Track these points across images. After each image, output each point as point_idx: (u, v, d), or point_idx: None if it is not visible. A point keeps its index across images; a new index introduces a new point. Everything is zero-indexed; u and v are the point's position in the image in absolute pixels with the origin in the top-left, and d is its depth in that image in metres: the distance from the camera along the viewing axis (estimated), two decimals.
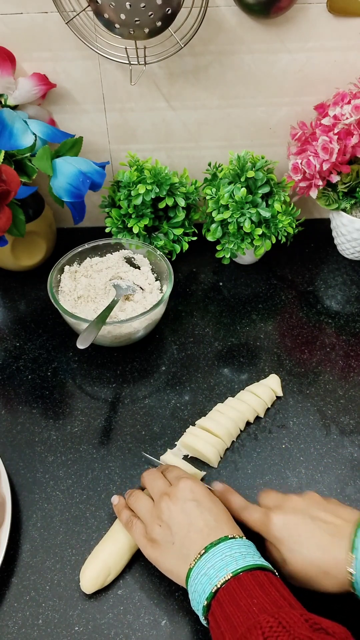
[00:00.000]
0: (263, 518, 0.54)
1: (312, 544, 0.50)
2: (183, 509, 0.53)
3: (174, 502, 0.53)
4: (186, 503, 0.53)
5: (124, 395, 0.74)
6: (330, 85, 0.83)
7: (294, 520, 0.52)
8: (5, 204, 0.69)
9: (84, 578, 0.55)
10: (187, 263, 0.93)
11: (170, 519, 0.53)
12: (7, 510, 0.59)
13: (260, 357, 0.78)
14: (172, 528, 0.52)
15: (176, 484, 0.55)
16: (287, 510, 0.53)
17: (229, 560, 0.48)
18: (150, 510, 0.55)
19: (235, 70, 0.81)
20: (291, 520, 0.52)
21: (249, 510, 0.56)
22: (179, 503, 0.53)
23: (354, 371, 0.76)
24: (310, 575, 0.50)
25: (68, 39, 0.76)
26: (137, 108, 0.85)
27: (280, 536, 0.52)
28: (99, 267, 0.84)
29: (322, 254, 0.95)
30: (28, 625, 0.54)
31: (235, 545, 0.50)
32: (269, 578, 0.47)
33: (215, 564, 0.48)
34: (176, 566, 0.51)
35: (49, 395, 0.74)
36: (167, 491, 0.55)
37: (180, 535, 0.51)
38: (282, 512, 0.53)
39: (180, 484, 0.55)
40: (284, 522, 0.52)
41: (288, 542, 0.51)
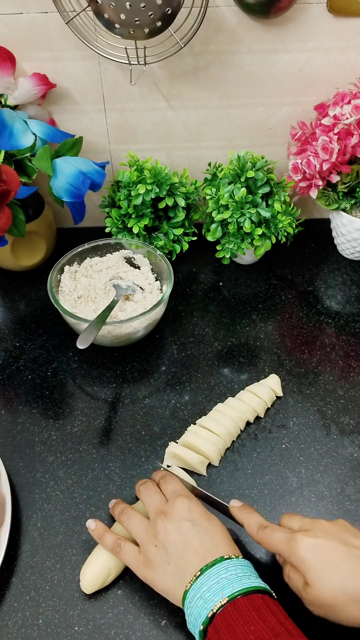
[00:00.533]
0: (288, 538, 0.50)
1: (344, 570, 0.47)
2: (179, 529, 0.52)
3: (170, 522, 0.52)
4: (182, 523, 0.52)
5: (124, 395, 0.74)
6: (330, 85, 0.83)
7: (325, 544, 0.49)
8: (5, 204, 0.69)
9: (84, 578, 0.55)
10: (187, 263, 0.93)
11: (166, 539, 0.51)
12: (7, 510, 0.59)
13: (260, 357, 0.78)
14: (168, 548, 0.51)
15: (173, 502, 0.54)
16: (317, 534, 0.50)
17: (225, 583, 0.47)
18: (146, 529, 0.53)
19: (235, 70, 0.81)
20: (321, 543, 0.49)
21: (270, 529, 0.53)
22: (175, 522, 0.52)
23: (354, 371, 0.76)
24: (337, 602, 0.47)
25: (68, 39, 0.76)
26: (137, 108, 0.85)
27: (308, 558, 0.48)
28: (99, 267, 0.84)
29: (322, 254, 0.95)
30: (28, 625, 0.54)
31: (232, 566, 0.49)
32: (265, 602, 0.46)
33: (211, 587, 0.47)
34: (172, 587, 0.50)
35: (49, 395, 0.74)
36: (164, 509, 0.54)
37: (175, 556, 0.51)
38: (312, 535, 0.50)
39: (177, 502, 0.54)
40: (313, 544, 0.49)
41: (316, 566, 0.48)
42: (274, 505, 0.63)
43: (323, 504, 0.63)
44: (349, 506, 0.62)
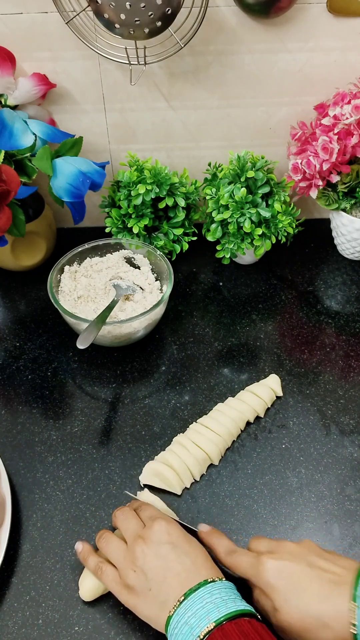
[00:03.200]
0: (254, 562, 0.50)
1: (310, 592, 0.47)
2: (158, 553, 0.50)
3: (149, 546, 0.50)
4: (161, 546, 0.50)
5: (124, 395, 0.74)
6: (330, 85, 0.83)
7: (291, 567, 0.48)
8: (5, 204, 0.69)
9: (82, 587, 0.55)
10: (187, 263, 0.93)
11: (145, 564, 0.50)
12: (7, 510, 0.59)
13: (260, 357, 0.78)
14: (148, 574, 0.49)
15: (150, 526, 0.52)
16: (283, 556, 0.49)
17: (210, 608, 0.46)
18: (124, 555, 0.52)
19: (235, 70, 0.81)
20: (287, 566, 0.48)
21: (238, 554, 0.52)
22: (154, 547, 0.50)
23: (354, 371, 0.76)
24: (306, 627, 0.46)
25: (68, 39, 0.76)
26: (137, 108, 0.85)
27: (274, 583, 0.48)
28: (99, 267, 0.84)
29: (322, 254, 0.95)
30: (28, 625, 0.54)
31: (216, 589, 0.47)
32: (253, 626, 0.45)
33: (196, 612, 0.46)
34: (154, 613, 0.48)
35: (49, 395, 0.74)
36: (141, 534, 0.52)
37: (156, 581, 0.49)
38: (277, 557, 0.49)
39: (155, 526, 0.52)
40: (279, 567, 0.48)
41: (283, 590, 0.47)
42: (274, 505, 0.63)
43: (323, 504, 0.63)
44: (349, 506, 0.62)
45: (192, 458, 0.64)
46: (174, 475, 0.63)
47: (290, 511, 0.62)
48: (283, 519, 0.61)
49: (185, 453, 0.64)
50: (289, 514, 0.62)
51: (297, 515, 0.62)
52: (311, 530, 0.60)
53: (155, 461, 0.65)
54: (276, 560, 0.49)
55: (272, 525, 0.61)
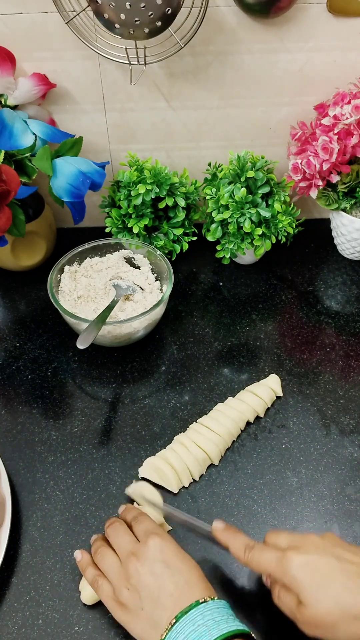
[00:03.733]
0: (279, 557, 0.48)
1: (338, 585, 0.46)
2: (152, 572, 0.49)
3: (142, 563, 0.49)
4: (155, 564, 0.49)
5: (124, 395, 0.74)
6: (330, 85, 0.83)
7: (318, 560, 0.47)
8: (5, 204, 0.69)
9: (84, 592, 0.55)
10: (187, 263, 0.93)
11: (139, 582, 0.49)
12: (7, 510, 0.59)
13: (260, 357, 0.78)
14: (141, 592, 0.48)
15: (144, 542, 0.51)
16: (308, 550, 0.48)
17: (202, 631, 0.45)
18: (118, 571, 0.51)
19: (235, 70, 0.81)
20: (314, 560, 0.47)
21: (258, 549, 0.50)
22: (147, 564, 0.49)
23: (354, 371, 0.76)
24: (334, 621, 0.45)
25: (68, 39, 0.76)
26: (137, 108, 0.85)
27: (301, 577, 0.46)
28: (99, 267, 0.84)
29: (322, 254, 0.95)
30: (28, 625, 0.54)
31: (207, 610, 0.46)
32: None
33: (188, 636, 0.45)
34: (146, 633, 0.47)
35: (49, 395, 0.74)
36: (135, 551, 0.51)
37: (149, 601, 0.48)
38: (302, 552, 0.48)
39: (149, 542, 0.51)
40: (305, 561, 0.47)
41: (310, 583, 0.46)
42: (274, 505, 0.63)
43: (323, 504, 0.63)
44: (349, 506, 0.62)
45: (192, 458, 0.64)
46: (173, 473, 0.63)
47: (290, 511, 0.62)
48: (283, 519, 0.61)
49: (186, 452, 0.64)
50: (289, 514, 0.62)
51: (297, 515, 0.62)
52: (311, 530, 0.60)
53: (156, 456, 0.65)
54: (302, 554, 0.47)
55: (272, 525, 0.61)
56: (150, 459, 0.65)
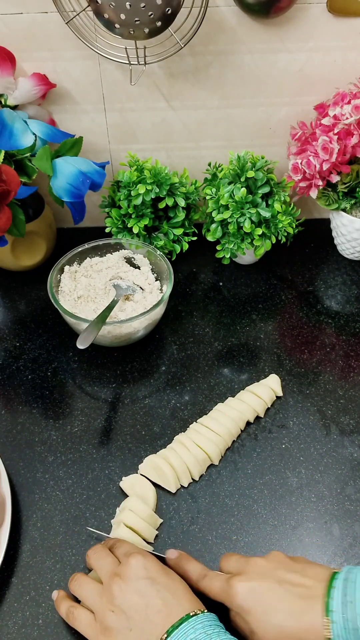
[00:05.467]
0: (225, 587, 0.49)
1: (282, 611, 0.46)
2: (137, 590, 0.48)
3: (126, 583, 0.48)
4: (139, 582, 0.48)
5: (124, 395, 0.74)
6: (330, 85, 0.83)
7: (260, 586, 0.47)
8: (5, 204, 0.69)
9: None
10: (187, 263, 0.93)
11: (124, 602, 0.47)
12: (7, 510, 0.59)
13: (260, 357, 0.78)
14: (128, 612, 0.47)
15: (126, 562, 0.50)
16: (251, 576, 0.48)
17: None
18: (100, 595, 0.49)
19: (235, 70, 0.81)
20: (256, 586, 0.47)
21: (209, 578, 0.51)
22: (132, 583, 0.48)
23: (354, 371, 0.76)
24: None
25: (68, 39, 0.76)
26: (137, 108, 0.85)
27: (246, 605, 0.47)
28: (99, 267, 0.84)
29: (322, 254, 0.95)
30: (28, 625, 0.54)
31: (199, 623, 0.46)
32: None
33: None
34: None
35: (49, 395, 0.74)
36: (117, 571, 0.50)
37: (137, 619, 0.47)
38: (245, 579, 0.48)
39: (131, 561, 0.50)
40: (248, 589, 0.47)
41: (255, 611, 0.46)
42: (274, 505, 0.63)
43: (323, 504, 0.63)
44: (349, 506, 0.62)
45: (192, 458, 0.64)
46: (172, 473, 0.63)
47: (290, 511, 0.62)
48: (283, 519, 0.61)
49: (186, 452, 0.64)
50: (289, 514, 0.62)
51: (297, 515, 0.62)
52: (311, 530, 0.60)
53: (156, 455, 0.65)
54: (245, 582, 0.48)
55: (272, 525, 0.61)
56: (151, 457, 0.65)
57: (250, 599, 0.47)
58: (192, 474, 0.64)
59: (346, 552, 0.59)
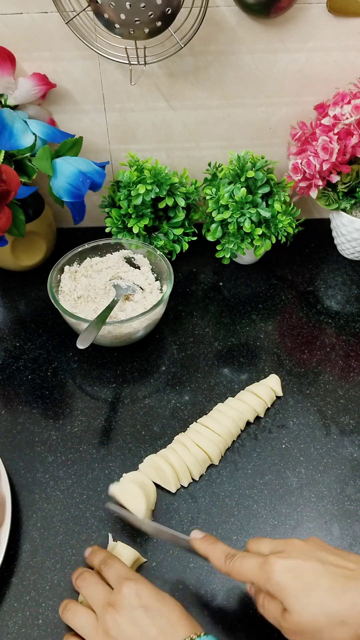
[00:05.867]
0: (261, 564, 0.47)
1: (323, 589, 0.44)
2: (131, 619, 0.47)
3: (120, 613, 0.47)
4: (134, 611, 0.47)
5: (124, 395, 0.74)
6: (330, 85, 0.83)
7: (302, 565, 0.45)
8: (5, 204, 0.69)
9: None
10: (187, 263, 0.93)
11: (120, 634, 0.46)
12: (7, 510, 0.59)
13: (260, 357, 0.78)
14: None
15: (119, 590, 0.49)
16: (291, 554, 0.47)
17: None
18: (94, 627, 0.48)
19: (235, 70, 0.81)
20: (298, 564, 0.46)
21: (240, 558, 0.49)
22: (126, 613, 0.47)
23: (354, 371, 0.76)
24: (320, 626, 0.43)
25: (68, 39, 0.76)
26: (137, 108, 0.85)
27: (284, 583, 0.45)
28: (99, 267, 0.84)
29: (322, 254, 0.95)
30: (28, 625, 0.54)
31: None
32: None
33: None
34: None
35: (49, 395, 0.74)
36: (110, 600, 0.48)
37: None
38: (285, 556, 0.46)
39: (124, 590, 0.48)
40: (289, 566, 0.45)
41: (294, 589, 0.44)
42: (274, 505, 0.63)
43: (323, 504, 0.63)
44: (349, 506, 0.62)
45: (192, 458, 0.64)
46: (172, 473, 0.63)
47: (290, 511, 0.62)
48: (283, 519, 0.61)
49: (186, 452, 0.64)
50: (289, 514, 0.62)
51: (297, 515, 0.62)
52: (311, 530, 0.60)
53: (157, 455, 0.65)
54: (285, 559, 0.46)
55: (272, 525, 0.61)
56: (151, 457, 0.65)
57: (289, 576, 0.45)
58: (192, 474, 0.64)
59: None
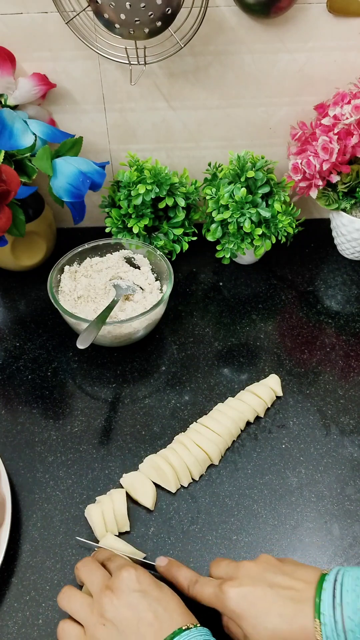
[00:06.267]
0: (217, 592, 0.48)
1: (274, 615, 0.46)
2: (129, 603, 0.47)
3: (118, 596, 0.48)
4: (131, 595, 0.47)
5: (124, 395, 0.74)
6: (330, 85, 0.83)
7: (251, 591, 0.47)
8: (5, 204, 0.69)
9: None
10: (187, 263, 0.93)
11: (116, 615, 0.47)
12: (7, 510, 0.59)
13: (260, 357, 0.78)
14: (119, 626, 0.46)
15: (118, 574, 0.49)
16: (242, 581, 0.48)
17: None
18: (90, 609, 0.48)
19: (235, 70, 0.81)
20: (248, 591, 0.47)
21: (200, 584, 0.50)
22: (124, 596, 0.47)
23: (354, 371, 0.76)
24: None
25: (68, 39, 0.76)
26: (137, 108, 0.85)
27: (239, 610, 0.47)
28: (99, 267, 0.84)
29: (322, 254, 0.95)
30: (28, 625, 0.54)
31: (191, 637, 0.45)
32: None
33: None
34: None
35: (49, 395, 0.74)
36: (109, 584, 0.49)
37: (128, 633, 0.46)
38: (237, 584, 0.48)
39: (123, 574, 0.49)
40: (240, 594, 0.47)
41: (248, 616, 0.46)
42: (274, 505, 0.63)
43: (323, 504, 0.63)
44: (349, 506, 0.62)
45: (192, 458, 0.64)
46: (172, 473, 0.63)
47: (290, 511, 0.62)
48: (283, 519, 0.61)
49: (186, 452, 0.64)
50: (289, 514, 0.62)
51: (297, 515, 0.62)
52: (311, 530, 0.60)
53: (157, 455, 0.65)
54: (237, 587, 0.48)
55: (272, 525, 0.61)
56: (151, 457, 0.65)
57: (242, 603, 0.47)
58: (192, 474, 0.64)
59: (346, 552, 0.59)
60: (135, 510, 0.62)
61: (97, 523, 0.59)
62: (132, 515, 0.62)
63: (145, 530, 0.61)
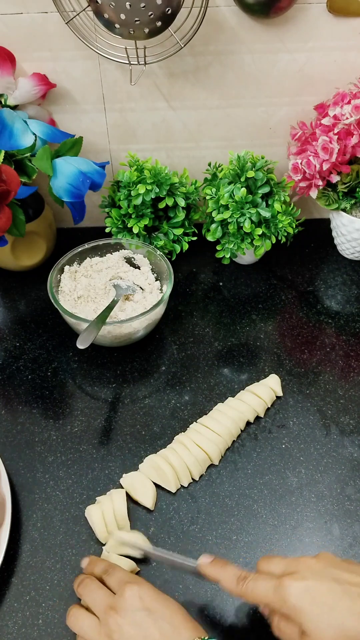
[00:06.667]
0: (275, 587, 0.45)
1: (342, 610, 0.43)
2: (134, 622, 0.46)
3: (122, 616, 0.47)
4: (136, 614, 0.47)
5: (124, 395, 0.74)
6: (330, 85, 0.83)
7: (317, 586, 0.44)
8: (5, 204, 0.69)
9: None
10: (187, 263, 0.93)
11: (122, 636, 0.46)
12: (7, 510, 0.59)
13: (260, 357, 0.78)
14: None
15: (121, 593, 0.48)
16: (305, 575, 0.45)
17: None
18: (97, 631, 0.48)
19: (235, 70, 0.81)
20: (313, 585, 0.44)
21: (252, 579, 0.48)
22: (128, 616, 0.47)
23: (354, 371, 0.76)
24: None
25: (68, 39, 0.76)
26: (137, 108, 0.85)
27: (301, 606, 0.44)
28: (99, 267, 0.84)
29: (322, 254, 0.95)
30: (28, 625, 0.54)
31: None
32: None
33: None
34: None
35: (49, 395, 0.74)
36: (112, 604, 0.48)
37: None
38: (299, 578, 0.45)
39: (127, 592, 0.48)
40: (305, 588, 0.44)
41: (312, 611, 0.43)
42: (274, 505, 0.63)
43: (323, 504, 0.63)
44: (349, 506, 0.62)
45: (192, 458, 0.64)
46: (172, 473, 0.63)
47: (290, 511, 0.62)
48: (283, 519, 0.61)
49: (186, 452, 0.64)
50: (289, 514, 0.62)
51: (297, 515, 0.62)
52: (311, 530, 0.60)
53: (157, 455, 0.65)
54: (300, 581, 0.45)
55: (272, 525, 0.61)
56: (151, 457, 0.65)
57: (306, 598, 0.44)
58: (192, 474, 0.64)
59: (346, 552, 0.59)
60: (135, 510, 0.62)
61: (98, 523, 0.59)
62: (132, 515, 0.62)
63: (145, 530, 0.61)
